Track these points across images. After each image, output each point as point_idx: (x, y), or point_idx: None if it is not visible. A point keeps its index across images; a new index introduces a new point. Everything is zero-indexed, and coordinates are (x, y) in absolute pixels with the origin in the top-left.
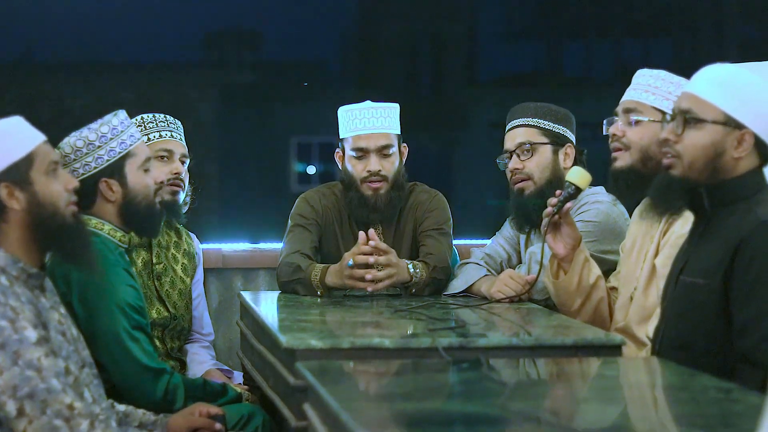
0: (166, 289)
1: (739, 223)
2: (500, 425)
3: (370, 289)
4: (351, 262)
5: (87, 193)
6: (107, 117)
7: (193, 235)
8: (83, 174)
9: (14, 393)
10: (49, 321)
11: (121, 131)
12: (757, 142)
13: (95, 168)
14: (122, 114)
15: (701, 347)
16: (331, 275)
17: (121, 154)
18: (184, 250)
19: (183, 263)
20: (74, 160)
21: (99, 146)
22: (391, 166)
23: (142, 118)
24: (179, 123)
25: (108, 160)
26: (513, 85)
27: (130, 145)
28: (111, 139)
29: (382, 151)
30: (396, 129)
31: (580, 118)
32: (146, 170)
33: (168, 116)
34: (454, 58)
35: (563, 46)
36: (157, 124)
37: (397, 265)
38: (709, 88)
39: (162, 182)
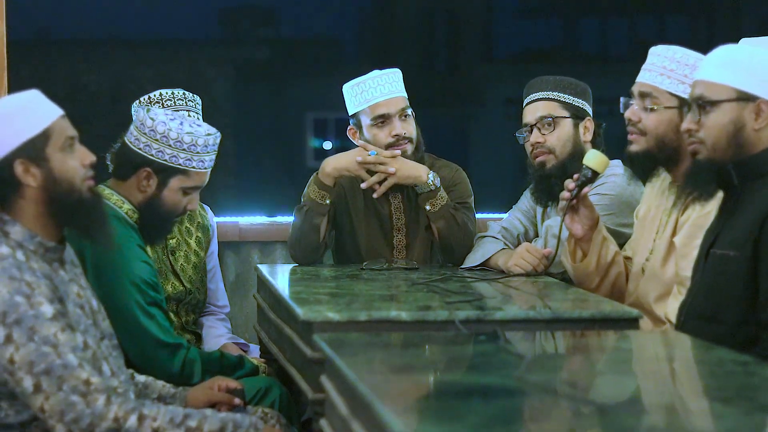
0: (181, 264)
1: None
2: (517, 397)
3: (382, 168)
4: (374, 152)
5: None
6: None
7: (207, 208)
8: None
9: (31, 369)
10: (67, 294)
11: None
12: None
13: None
14: None
15: (729, 319)
16: (330, 163)
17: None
18: (198, 223)
19: (197, 236)
20: None
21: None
22: (412, 128)
23: (161, 94)
24: (198, 99)
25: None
26: (529, 61)
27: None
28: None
29: (402, 114)
30: (405, 92)
31: (596, 94)
32: None
33: (187, 92)
34: (470, 34)
35: (579, 22)
36: (175, 102)
37: (416, 167)
38: (716, 69)
39: None
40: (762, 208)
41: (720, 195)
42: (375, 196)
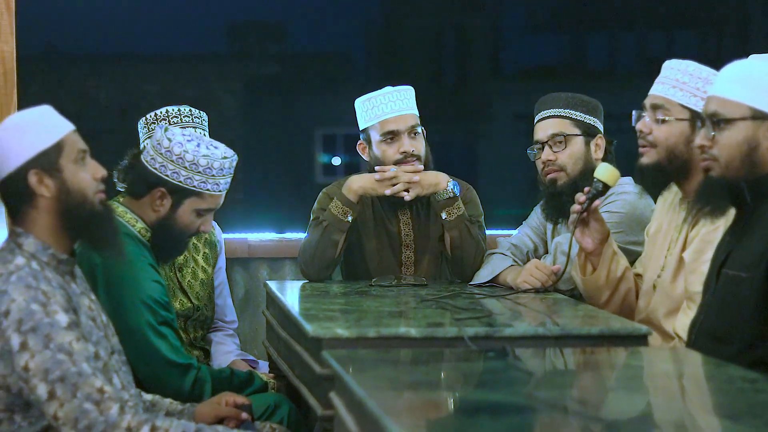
0: (188, 280)
1: None
2: (526, 414)
3: (405, 194)
4: (394, 168)
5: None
6: None
7: (214, 223)
8: None
9: (45, 376)
10: (79, 306)
11: None
12: None
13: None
14: None
15: (739, 339)
16: (356, 180)
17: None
18: (206, 239)
19: (204, 252)
20: None
21: None
22: (421, 146)
23: (167, 111)
24: (204, 115)
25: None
26: (537, 78)
27: None
28: None
29: (412, 132)
30: (416, 110)
31: (604, 109)
32: None
33: (193, 109)
34: (478, 50)
35: (587, 38)
36: (181, 119)
37: (436, 175)
38: (731, 86)
39: None
40: None
41: (730, 212)
42: (407, 198)
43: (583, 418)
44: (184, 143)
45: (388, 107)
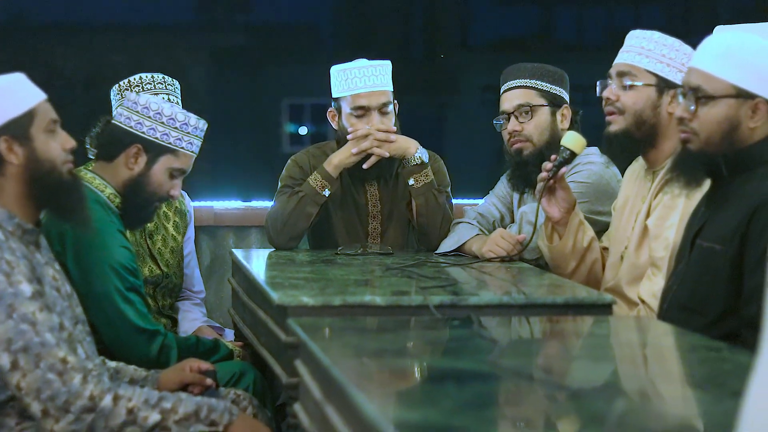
0: (158, 247)
1: (757, 189)
2: (491, 382)
3: (378, 151)
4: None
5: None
6: None
7: (184, 193)
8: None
9: (8, 346)
10: (43, 276)
11: None
12: None
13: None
14: None
15: (711, 312)
16: (336, 155)
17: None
18: (176, 207)
19: (175, 221)
20: None
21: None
22: (390, 122)
23: (141, 78)
24: (177, 83)
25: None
26: (505, 50)
27: None
28: None
29: (382, 109)
30: (391, 86)
31: (572, 82)
32: None
33: (166, 77)
34: (446, 21)
35: (556, 10)
36: (155, 85)
37: (406, 140)
38: (716, 61)
39: None
40: (750, 203)
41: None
42: (365, 167)
43: (548, 386)
44: (160, 102)
45: (361, 81)
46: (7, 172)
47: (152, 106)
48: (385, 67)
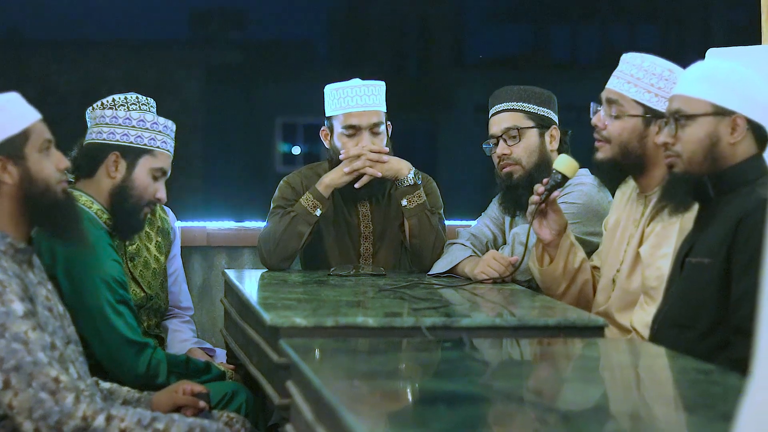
0: (140, 270)
1: (741, 203)
2: (482, 404)
3: (370, 171)
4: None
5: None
6: None
7: (168, 210)
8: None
9: (0, 365)
10: (36, 296)
11: None
12: (752, 126)
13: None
14: None
15: (702, 324)
16: (328, 175)
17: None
18: (158, 227)
19: (157, 241)
20: None
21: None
22: (381, 143)
23: (114, 100)
24: (152, 102)
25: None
26: (499, 68)
27: None
28: None
29: (373, 129)
30: (384, 106)
31: (565, 101)
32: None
33: (140, 96)
34: (440, 39)
35: (549, 29)
36: (128, 106)
37: (399, 161)
38: (694, 84)
39: None
40: (735, 216)
41: (693, 208)
42: (357, 186)
43: (538, 409)
44: (128, 111)
45: (353, 101)
46: (0, 192)
47: (120, 114)
48: (378, 87)
